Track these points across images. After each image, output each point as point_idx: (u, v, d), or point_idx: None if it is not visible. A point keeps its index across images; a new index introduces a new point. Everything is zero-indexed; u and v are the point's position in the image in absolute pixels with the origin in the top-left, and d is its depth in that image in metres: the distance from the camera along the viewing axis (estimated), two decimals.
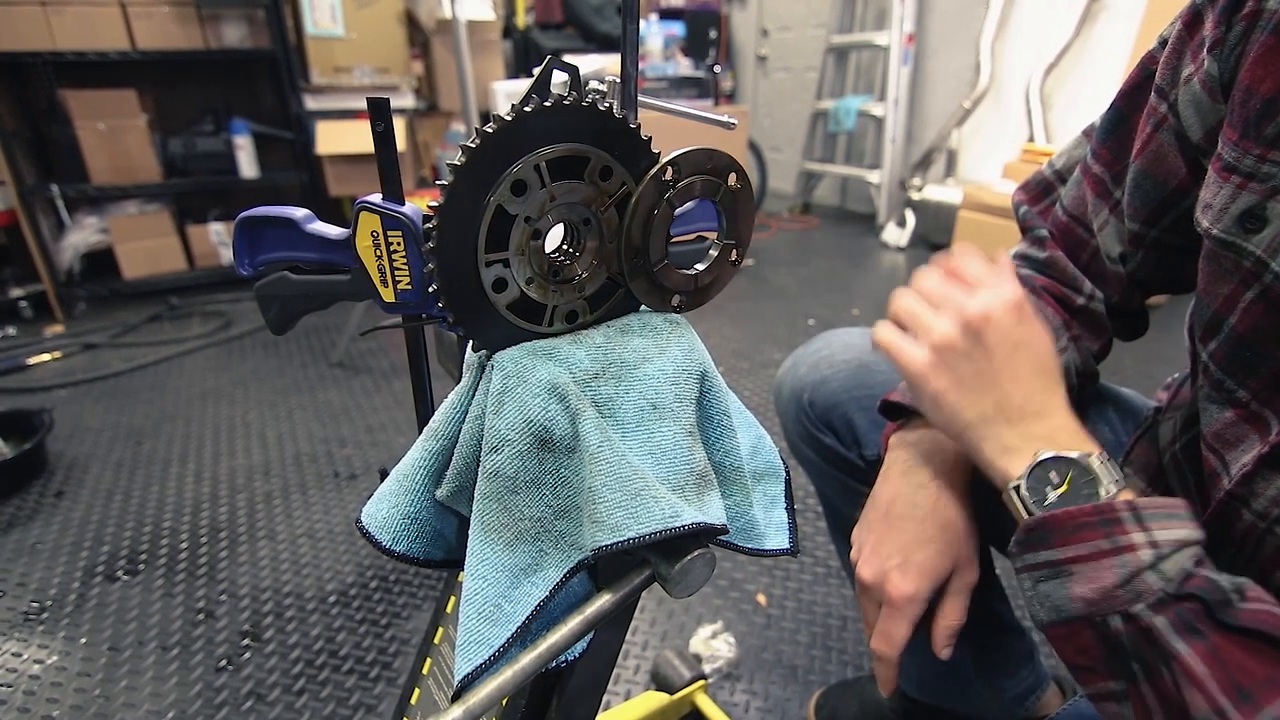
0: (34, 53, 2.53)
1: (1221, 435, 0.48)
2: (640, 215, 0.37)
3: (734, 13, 5.05)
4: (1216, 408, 0.48)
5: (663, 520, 0.33)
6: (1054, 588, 0.39)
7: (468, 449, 0.36)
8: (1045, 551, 0.40)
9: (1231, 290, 0.45)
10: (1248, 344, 0.45)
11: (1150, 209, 0.54)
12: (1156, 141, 0.52)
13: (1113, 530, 0.38)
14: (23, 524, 1.50)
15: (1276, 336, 0.43)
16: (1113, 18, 2.95)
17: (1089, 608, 0.38)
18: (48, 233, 2.70)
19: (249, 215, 0.40)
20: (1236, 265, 0.44)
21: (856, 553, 0.55)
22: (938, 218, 3.40)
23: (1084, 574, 0.38)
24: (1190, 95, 0.48)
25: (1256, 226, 0.42)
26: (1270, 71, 0.41)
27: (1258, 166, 0.41)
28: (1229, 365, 0.47)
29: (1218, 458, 0.49)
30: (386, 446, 1.78)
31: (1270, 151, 0.41)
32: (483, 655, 0.34)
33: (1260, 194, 0.42)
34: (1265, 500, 0.45)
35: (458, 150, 0.32)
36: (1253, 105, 0.42)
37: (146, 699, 1.08)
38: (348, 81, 2.97)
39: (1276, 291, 0.42)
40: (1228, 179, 0.43)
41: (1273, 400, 0.45)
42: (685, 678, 0.98)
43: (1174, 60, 0.50)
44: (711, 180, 0.38)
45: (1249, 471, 0.46)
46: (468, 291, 0.35)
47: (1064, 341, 0.61)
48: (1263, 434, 0.45)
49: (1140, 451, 0.63)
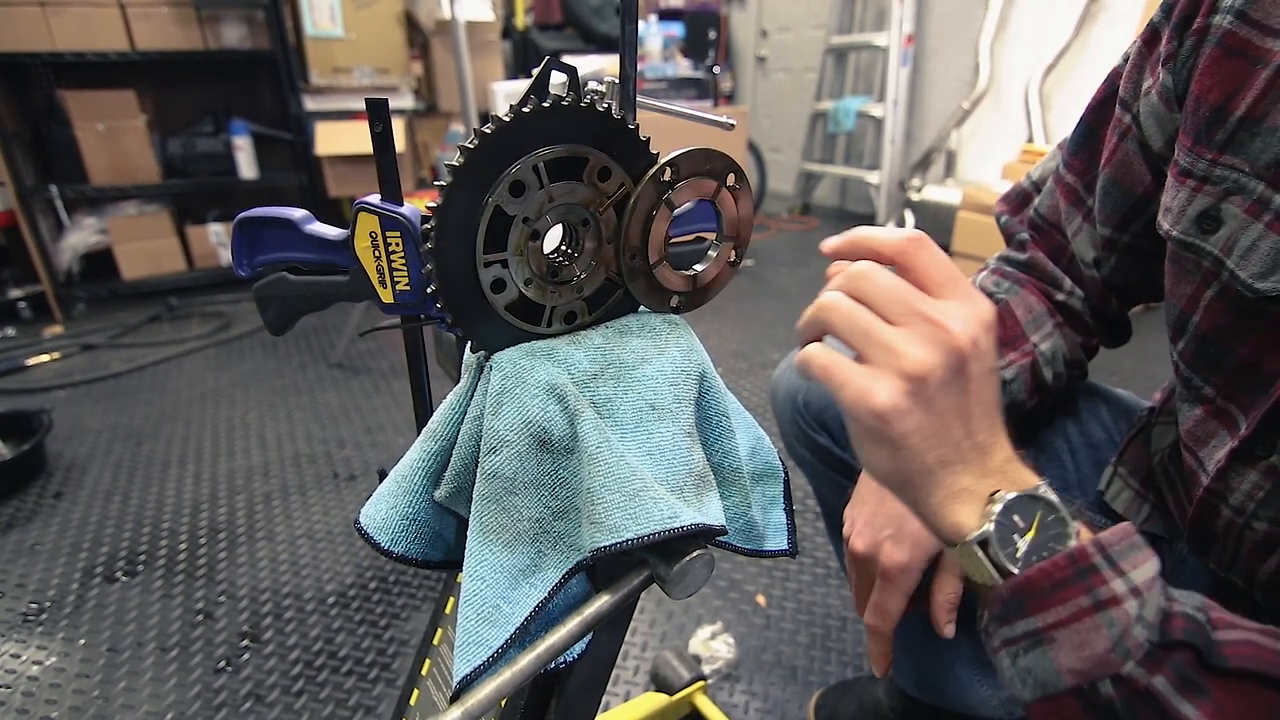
0: (33, 53, 2.53)
1: (1194, 433, 0.50)
2: (639, 216, 0.37)
3: (733, 13, 5.05)
4: (1189, 405, 0.50)
5: (661, 521, 0.33)
6: (1037, 660, 0.34)
7: (466, 450, 0.36)
8: (1023, 622, 0.34)
9: (1194, 289, 0.47)
10: (1210, 341, 0.47)
11: (1120, 215, 0.56)
12: (1122, 151, 0.54)
13: (1091, 582, 0.33)
14: (22, 525, 1.50)
15: (1236, 333, 0.45)
16: (1111, 19, 2.96)
17: (1079, 679, 0.33)
18: (47, 233, 2.70)
19: (248, 216, 0.40)
20: (1197, 265, 0.46)
21: (849, 527, 0.57)
22: (937, 218, 3.40)
23: (1069, 640, 0.33)
24: (1150, 106, 0.51)
25: (1213, 227, 0.44)
26: (1217, 81, 0.43)
27: (1211, 170, 0.44)
28: (1195, 363, 0.49)
29: (1193, 456, 0.51)
30: (385, 447, 1.78)
31: (1221, 156, 0.43)
32: (481, 656, 0.34)
33: (1214, 196, 0.44)
34: (1240, 495, 0.47)
35: (456, 151, 0.32)
36: (1203, 113, 0.44)
37: (145, 700, 1.08)
38: (347, 82, 2.97)
39: (1233, 289, 0.44)
40: (1184, 183, 0.46)
41: (1236, 396, 0.47)
42: (684, 679, 0.98)
43: (1135, 75, 0.53)
44: (710, 181, 0.38)
45: (1223, 467, 0.47)
46: (466, 292, 0.35)
47: (1049, 328, 0.62)
48: (1231, 430, 0.47)
49: (1133, 452, 0.64)
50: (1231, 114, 0.43)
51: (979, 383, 0.35)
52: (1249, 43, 0.42)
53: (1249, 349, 0.45)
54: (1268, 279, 0.42)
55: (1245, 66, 0.42)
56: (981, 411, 0.35)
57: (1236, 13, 0.43)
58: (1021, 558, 0.34)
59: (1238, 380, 0.46)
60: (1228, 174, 0.43)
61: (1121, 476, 0.64)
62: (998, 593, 0.34)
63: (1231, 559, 0.50)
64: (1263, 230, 0.42)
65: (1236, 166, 0.43)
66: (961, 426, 0.35)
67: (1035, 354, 0.61)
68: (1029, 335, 0.62)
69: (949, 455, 0.35)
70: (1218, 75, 0.43)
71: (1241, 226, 0.43)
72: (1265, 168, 0.41)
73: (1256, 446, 0.45)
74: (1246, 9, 0.42)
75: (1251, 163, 0.42)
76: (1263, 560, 0.47)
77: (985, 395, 0.35)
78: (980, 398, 0.35)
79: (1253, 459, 0.46)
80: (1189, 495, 0.53)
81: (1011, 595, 0.34)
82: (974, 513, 0.35)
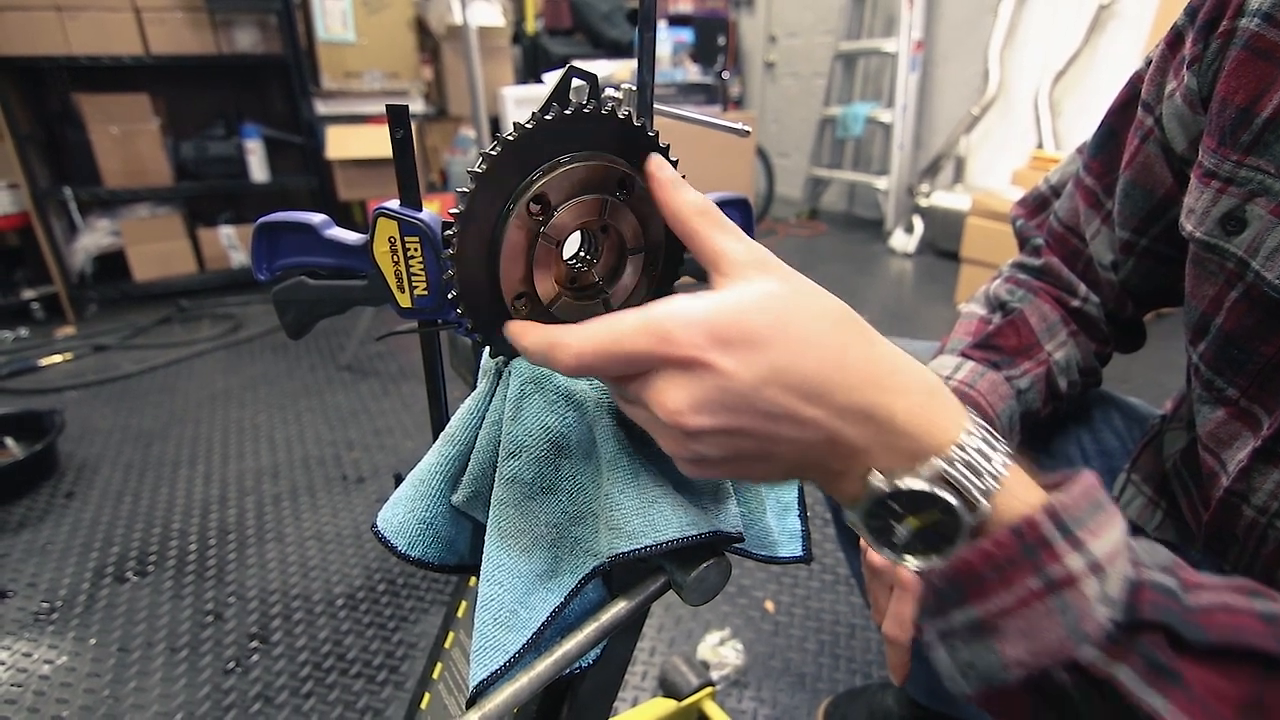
0: (49, 57, 2.56)
1: (1216, 434, 0.50)
2: (514, 258, 0.33)
3: (742, 19, 5.06)
4: (1209, 408, 0.50)
5: (679, 528, 0.33)
6: (979, 653, 0.29)
7: (484, 454, 0.36)
8: (960, 612, 0.29)
9: (1217, 291, 0.47)
10: (1234, 342, 0.47)
11: (1140, 218, 0.56)
12: (1144, 153, 0.54)
13: (1042, 560, 0.28)
14: (33, 524, 1.51)
15: (1261, 333, 0.45)
16: (1122, 25, 2.95)
17: (1028, 670, 0.28)
18: (60, 235, 2.72)
19: (268, 221, 0.40)
20: (1220, 266, 0.46)
21: None
22: (945, 224, 3.40)
23: (1015, 629, 0.28)
24: (1173, 109, 0.51)
25: (1237, 228, 0.44)
26: (1244, 83, 0.43)
27: (1236, 171, 0.44)
28: (1218, 364, 0.49)
29: (1214, 457, 0.51)
30: (394, 450, 1.79)
31: (1247, 157, 0.43)
32: (498, 661, 0.34)
33: (1239, 197, 0.44)
34: (1264, 495, 0.47)
35: (479, 157, 0.32)
36: (1228, 115, 0.44)
37: (155, 700, 1.08)
38: (358, 87, 2.99)
39: (1258, 290, 0.44)
40: (1208, 184, 0.46)
41: (1261, 396, 0.47)
42: (693, 684, 0.98)
43: (1158, 77, 0.53)
44: (592, 198, 0.33)
45: (1245, 467, 0.47)
46: (486, 298, 0.35)
47: (1064, 336, 0.63)
48: (1255, 430, 0.47)
49: (1146, 459, 0.64)
50: (1258, 116, 0.43)
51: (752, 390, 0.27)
52: (1277, 45, 0.42)
53: (1273, 349, 0.45)
54: None
55: (1272, 69, 0.42)
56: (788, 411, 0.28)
57: (1264, 15, 0.43)
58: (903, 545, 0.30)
59: (1263, 380, 0.46)
60: (1253, 175, 0.43)
61: (1134, 483, 0.64)
62: (929, 579, 0.30)
63: (1250, 560, 0.50)
64: None
65: (1262, 168, 0.43)
66: (763, 444, 0.29)
67: (1050, 363, 0.61)
68: (1044, 344, 0.62)
69: (789, 468, 0.30)
70: (1244, 77, 0.43)
71: (1267, 228, 0.43)
72: None
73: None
74: (1274, 11, 0.42)
75: (1277, 164, 0.42)
76: None
77: (778, 399, 0.28)
78: (769, 406, 0.28)
79: (1276, 458, 0.46)
80: (1205, 498, 0.53)
81: (946, 582, 0.29)
82: (854, 498, 0.30)
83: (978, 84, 3.49)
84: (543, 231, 0.33)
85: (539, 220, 0.33)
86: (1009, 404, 0.59)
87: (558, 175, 0.33)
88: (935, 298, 2.96)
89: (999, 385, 0.59)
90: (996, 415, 0.58)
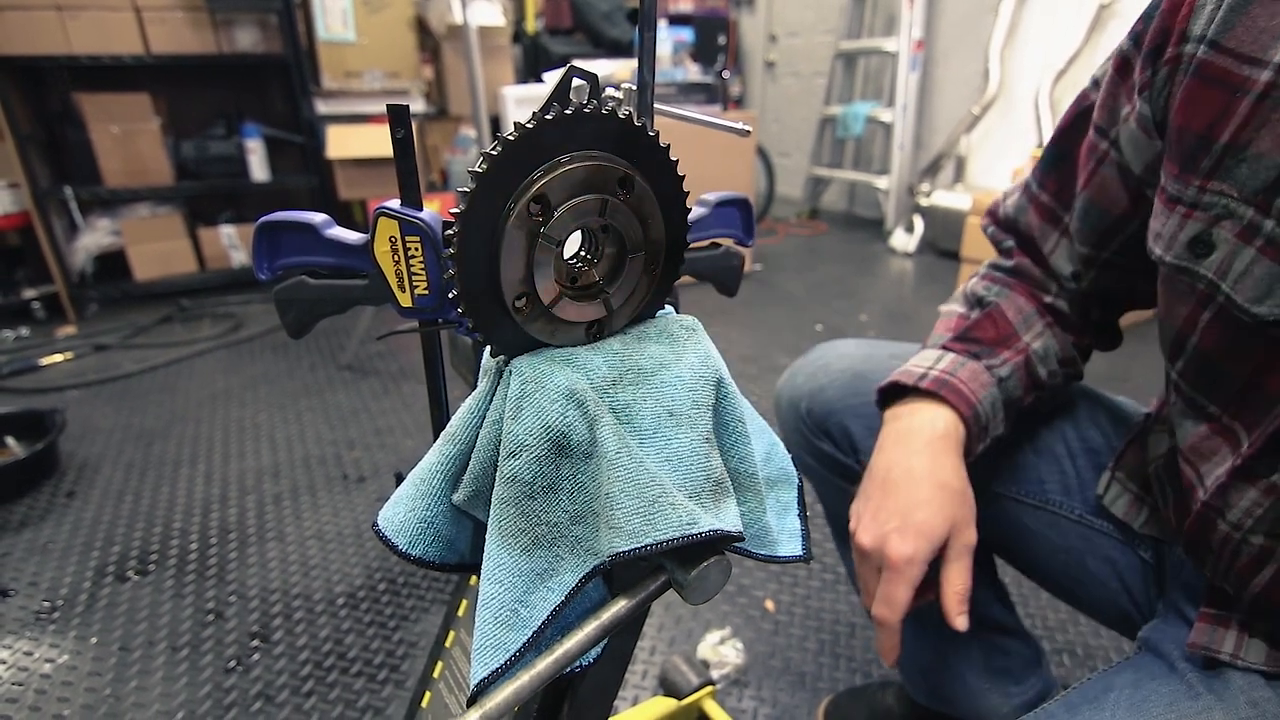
0: (50, 57, 2.56)
1: (1197, 448, 0.51)
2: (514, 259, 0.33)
3: (742, 18, 5.06)
4: (1191, 422, 0.51)
5: (680, 527, 0.33)
6: None
7: (485, 453, 0.36)
8: None
9: (1190, 311, 0.48)
10: (1212, 361, 0.48)
11: (1099, 234, 0.58)
12: (1100, 175, 0.56)
13: None
14: (35, 524, 1.52)
15: (1236, 354, 0.46)
16: (1122, 24, 2.94)
17: None
18: (61, 234, 2.73)
19: (269, 220, 0.40)
20: (1191, 288, 0.47)
21: (855, 523, 0.58)
22: (946, 224, 3.40)
23: None
24: (1129, 133, 0.52)
25: (1205, 251, 0.45)
26: (1198, 110, 0.44)
27: (1199, 197, 0.45)
28: (1197, 382, 0.50)
29: (1194, 470, 0.52)
30: (395, 449, 1.79)
31: (1209, 182, 0.44)
32: (499, 659, 0.34)
33: (1205, 221, 0.45)
34: (1239, 512, 0.48)
35: (479, 157, 0.32)
36: (1187, 141, 0.45)
37: (156, 699, 1.08)
38: (358, 86, 2.99)
39: (1229, 311, 0.44)
40: (1174, 209, 0.47)
41: (1241, 414, 0.47)
42: (693, 684, 0.98)
43: (1110, 102, 0.54)
44: (592, 198, 0.34)
45: (1223, 484, 0.48)
46: (487, 297, 0.35)
47: (1040, 327, 0.64)
48: (1235, 448, 0.48)
49: (1131, 456, 0.65)
50: (1216, 141, 0.43)
51: None
52: (1228, 71, 0.43)
53: (1250, 370, 0.46)
54: (1263, 303, 0.42)
55: (1226, 95, 0.43)
56: None
57: (1209, 43, 0.43)
58: None
59: (1241, 400, 0.47)
60: (1217, 200, 0.44)
61: (1119, 480, 0.65)
62: None
63: (1226, 570, 0.50)
64: (1255, 255, 0.42)
65: (1225, 192, 0.43)
66: None
67: (1029, 351, 0.63)
68: (1021, 335, 0.64)
69: None
70: (1198, 104, 0.44)
71: (1234, 251, 0.43)
72: (1254, 193, 0.42)
73: (1259, 465, 0.46)
74: (1220, 39, 0.43)
75: (1240, 188, 0.42)
76: (1256, 572, 0.48)
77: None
78: None
79: (1254, 477, 0.46)
80: (1183, 506, 0.54)
81: None
82: None
83: (978, 83, 3.49)
84: (543, 231, 0.33)
85: (539, 220, 0.33)
86: (990, 391, 0.61)
87: (558, 175, 0.33)
88: (936, 297, 2.96)
89: (980, 374, 0.61)
90: (979, 401, 0.59)
